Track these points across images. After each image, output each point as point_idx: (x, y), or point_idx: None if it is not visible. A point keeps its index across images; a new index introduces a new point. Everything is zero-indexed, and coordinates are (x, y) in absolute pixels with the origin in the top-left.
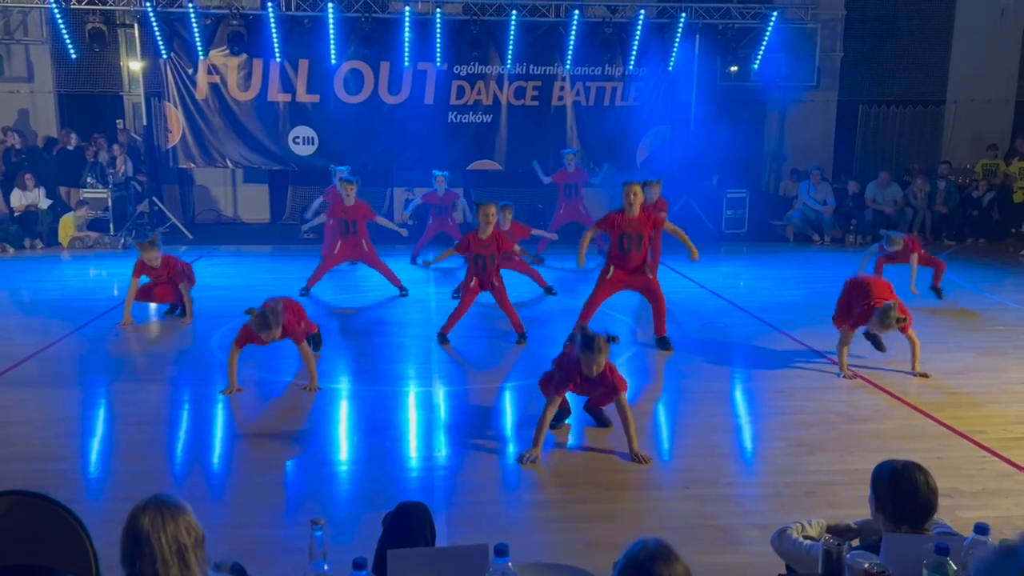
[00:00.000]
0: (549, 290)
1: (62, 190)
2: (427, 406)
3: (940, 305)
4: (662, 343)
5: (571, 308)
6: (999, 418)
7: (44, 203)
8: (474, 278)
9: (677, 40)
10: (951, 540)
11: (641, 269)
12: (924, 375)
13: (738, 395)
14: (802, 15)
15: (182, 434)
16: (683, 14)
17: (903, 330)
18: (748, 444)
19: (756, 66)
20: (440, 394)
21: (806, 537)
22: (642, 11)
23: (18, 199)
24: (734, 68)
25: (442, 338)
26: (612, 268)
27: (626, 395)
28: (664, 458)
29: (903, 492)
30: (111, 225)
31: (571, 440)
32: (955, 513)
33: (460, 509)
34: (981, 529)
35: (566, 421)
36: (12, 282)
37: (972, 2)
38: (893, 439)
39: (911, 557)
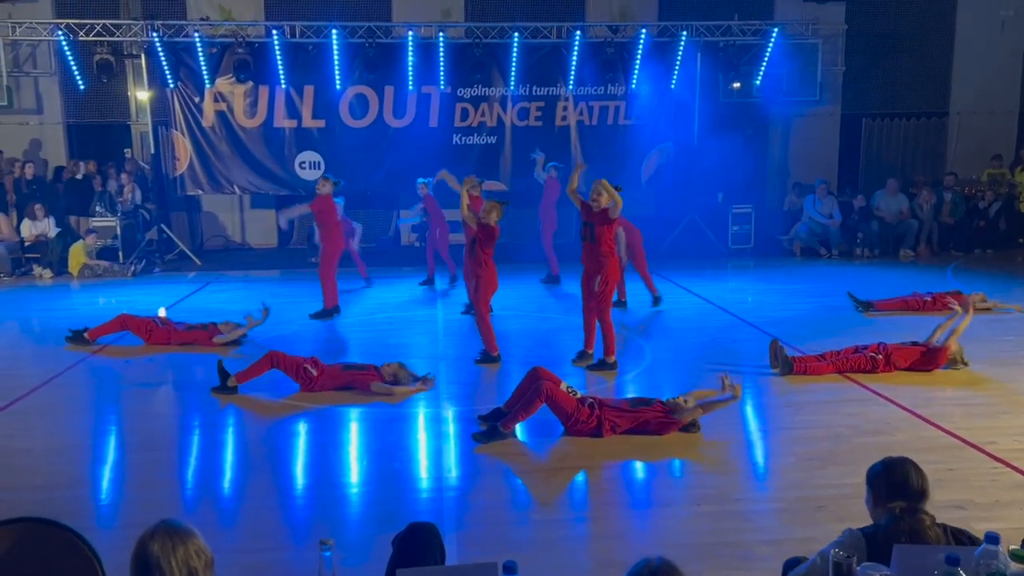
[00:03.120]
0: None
1: (72, 219)
2: (436, 427)
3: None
4: (598, 364)
5: (570, 326)
6: (1010, 429)
7: (53, 232)
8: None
9: (679, 58)
10: (962, 551)
11: (591, 273)
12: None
13: (748, 410)
14: (803, 31)
15: (192, 460)
16: (684, 32)
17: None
18: (759, 459)
19: (758, 82)
20: (449, 415)
21: None
22: (643, 30)
23: (28, 229)
24: (736, 85)
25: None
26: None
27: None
28: (675, 475)
29: (897, 479)
30: (120, 253)
31: (581, 461)
32: (968, 525)
33: (470, 530)
34: (992, 539)
35: None
36: (23, 311)
37: (972, 14)
38: (904, 451)
39: (922, 567)
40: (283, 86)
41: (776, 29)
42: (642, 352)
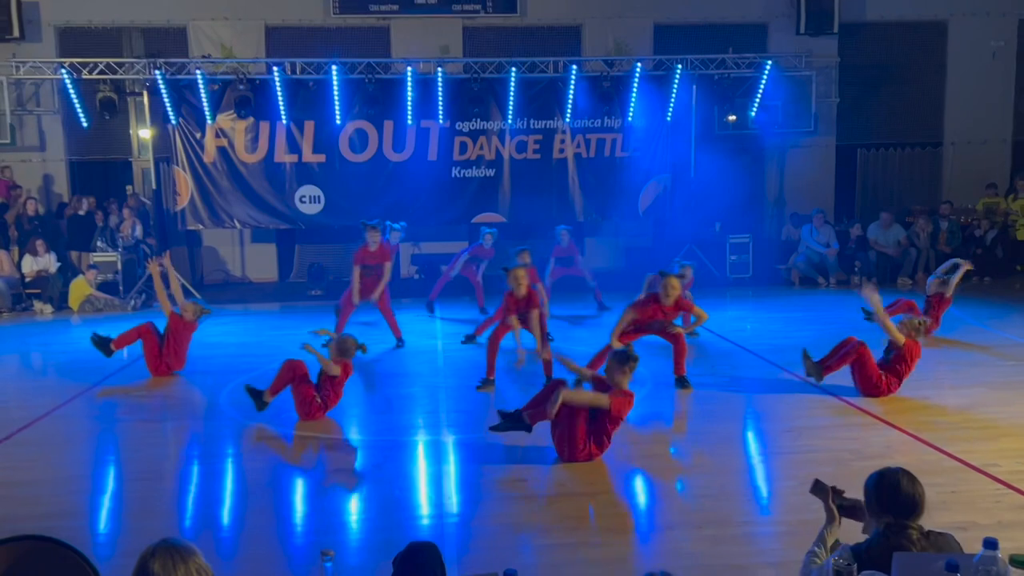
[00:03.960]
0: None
1: (73, 254)
2: (437, 455)
3: (950, 340)
4: (680, 382)
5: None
6: (1012, 451)
7: (54, 267)
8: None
9: (674, 91)
10: (961, 557)
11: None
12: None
13: (749, 435)
14: (796, 63)
15: (192, 489)
16: (679, 65)
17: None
18: (761, 483)
19: (753, 114)
20: (450, 442)
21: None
22: (638, 64)
23: (29, 265)
24: (732, 117)
25: (487, 382)
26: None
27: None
28: (677, 499)
29: (886, 488)
30: (120, 288)
31: (583, 486)
32: (973, 547)
33: (472, 555)
34: (990, 544)
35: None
36: (23, 346)
37: (963, 45)
38: None
39: (922, 575)
40: (284, 121)
41: (770, 62)
42: (643, 378)
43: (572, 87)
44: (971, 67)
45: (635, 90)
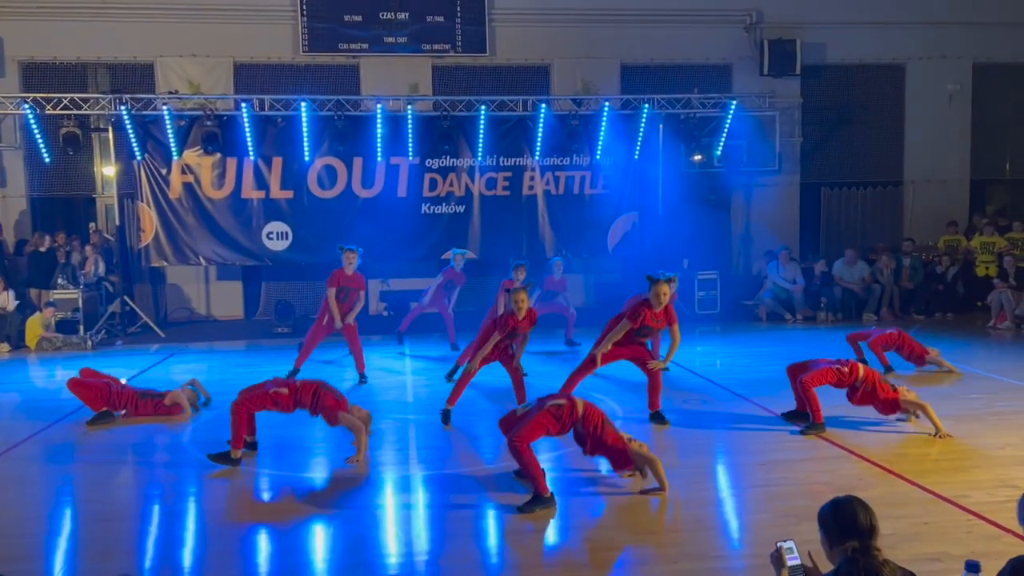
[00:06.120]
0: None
1: (32, 292)
2: (405, 490)
3: (917, 376)
4: (655, 418)
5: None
6: (982, 482)
7: (12, 305)
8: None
9: (642, 129)
10: None
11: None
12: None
13: (721, 469)
14: (760, 103)
15: (152, 530)
16: (646, 105)
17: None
18: (734, 517)
19: (719, 152)
20: (418, 479)
21: None
22: (606, 103)
23: None
24: (698, 157)
25: (446, 415)
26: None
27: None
28: (650, 533)
29: (844, 514)
30: (81, 326)
31: (555, 522)
32: None
33: None
34: (972, 566)
35: None
36: None
37: (921, 88)
38: (878, 506)
39: None
40: (251, 158)
41: (734, 102)
42: (613, 413)
43: (541, 125)
44: (928, 109)
45: (603, 128)
